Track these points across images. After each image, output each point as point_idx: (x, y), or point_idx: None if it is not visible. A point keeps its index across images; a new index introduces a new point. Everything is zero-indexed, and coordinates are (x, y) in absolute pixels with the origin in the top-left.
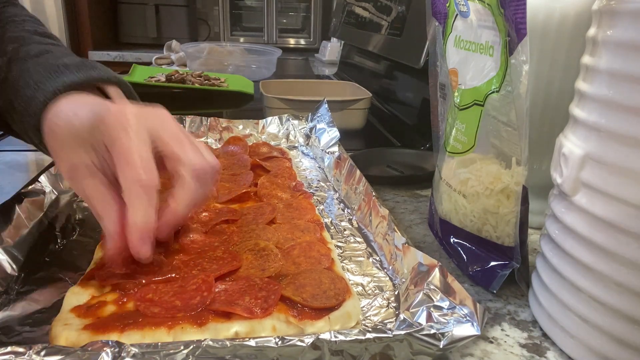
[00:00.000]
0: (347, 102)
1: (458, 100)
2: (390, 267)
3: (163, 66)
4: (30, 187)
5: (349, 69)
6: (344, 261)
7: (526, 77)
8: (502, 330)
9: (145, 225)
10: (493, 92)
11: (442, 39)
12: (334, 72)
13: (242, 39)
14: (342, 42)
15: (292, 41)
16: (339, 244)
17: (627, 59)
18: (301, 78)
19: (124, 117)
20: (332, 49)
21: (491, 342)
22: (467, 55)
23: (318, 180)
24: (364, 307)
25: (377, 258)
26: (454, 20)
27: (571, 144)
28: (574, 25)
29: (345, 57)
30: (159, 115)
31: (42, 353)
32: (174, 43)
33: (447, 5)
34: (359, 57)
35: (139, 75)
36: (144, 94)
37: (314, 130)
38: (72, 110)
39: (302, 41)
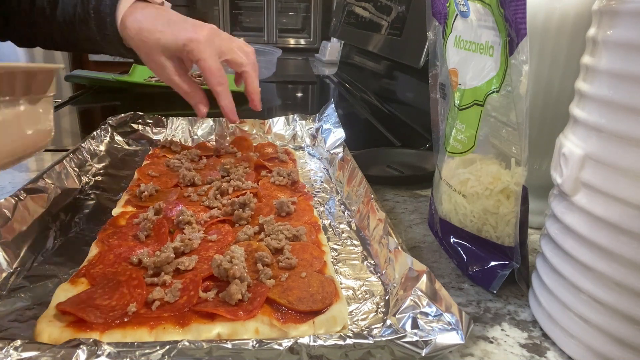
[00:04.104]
0: None
1: (458, 101)
2: (384, 272)
3: None
4: (34, 183)
5: (349, 69)
6: (338, 264)
7: (526, 77)
8: (502, 330)
9: (231, 104)
10: (493, 92)
11: (442, 39)
12: (334, 72)
13: (242, 39)
14: (342, 42)
15: (292, 41)
16: (336, 246)
17: (627, 59)
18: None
19: (203, 44)
20: (332, 49)
21: (491, 342)
22: (467, 55)
23: (321, 182)
24: (352, 311)
25: (372, 262)
26: (454, 20)
27: (571, 144)
28: (574, 25)
29: (345, 57)
30: (217, 37)
31: (20, 348)
32: None
33: (447, 5)
34: (359, 57)
35: (139, 75)
36: (144, 93)
37: (320, 130)
38: (155, 28)
39: (302, 41)
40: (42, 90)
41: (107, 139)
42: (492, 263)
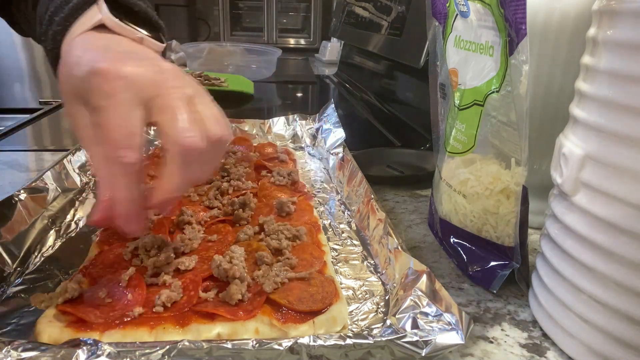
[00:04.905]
0: None
1: (458, 101)
2: (384, 272)
3: None
4: (34, 183)
5: (349, 69)
6: (338, 264)
7: (526, 77)
8: (502, 330)
9: (125, 204)
10: (493, 92)
11: (442, 39)
12: (334, 72)
13: (242, 39)
14: (342, 42)
15: (292, 41)
16: (336, 246)
17: (627, 59)
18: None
19: (113, 81)
20: (332, 49)
21: (491, 342)
22: (467, 55)
23: (322, 182)
24: (352, 311)
25: (372, 262)
26: (454, 20)
27: (571, 144)
28: (574, 25)
29: (345, 57)
30: (160, 78)
31: (20, 348)
32: (174, 43)
33: (447, 5)
34: (359, 57)
35: None
36: None
37: (320, 130)
38: (78, 55)
39: (302, 41)
40: None
41: None
42: (492, 263)
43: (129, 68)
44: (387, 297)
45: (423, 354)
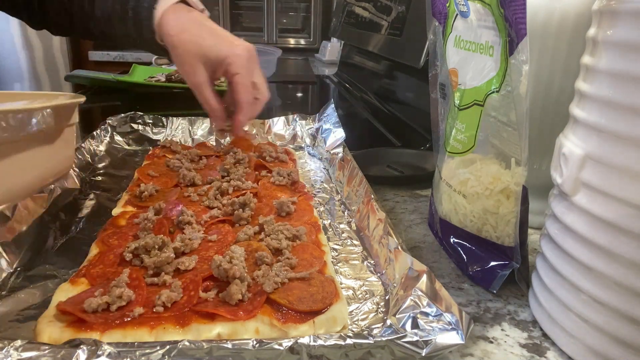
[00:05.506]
0: None
1: (458, 101)
2: (384, 272)
3: (163, 66)
4: None
5: (349, 69)
6: (339, 264)
7: (526, 77)
8: (502, 330)
9: (246, 121)
10: (493, 92)
11: (442, 39)
12: (334, 72)
13: (242, 39)
14: (342, 42)
15: (292, 41)
16: (336, 246)
17: (627, 59)
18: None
19: (243, 61)
20: (332, 49)
21: (491, 342)
22: (467, 55)
23: (321, 182)
24: (352, 311)
25: (372, 262)
26: (454, 20)
27: (571, 144)
28: (574, 25)
29: (345, 57)
30: (254, 57)
31: (20, 349)
32: None
33: (447, 5)
34: (359, 57)
35: (139, 75)
36: (144, 93)
37: (320, 130)
38: (199, 34)
39: (302, 41)
40: (67, 120)
41: (107, 139)
42: (492, 263)
43: (246, 52)
44: (387, 297)
45: (423, 354)
